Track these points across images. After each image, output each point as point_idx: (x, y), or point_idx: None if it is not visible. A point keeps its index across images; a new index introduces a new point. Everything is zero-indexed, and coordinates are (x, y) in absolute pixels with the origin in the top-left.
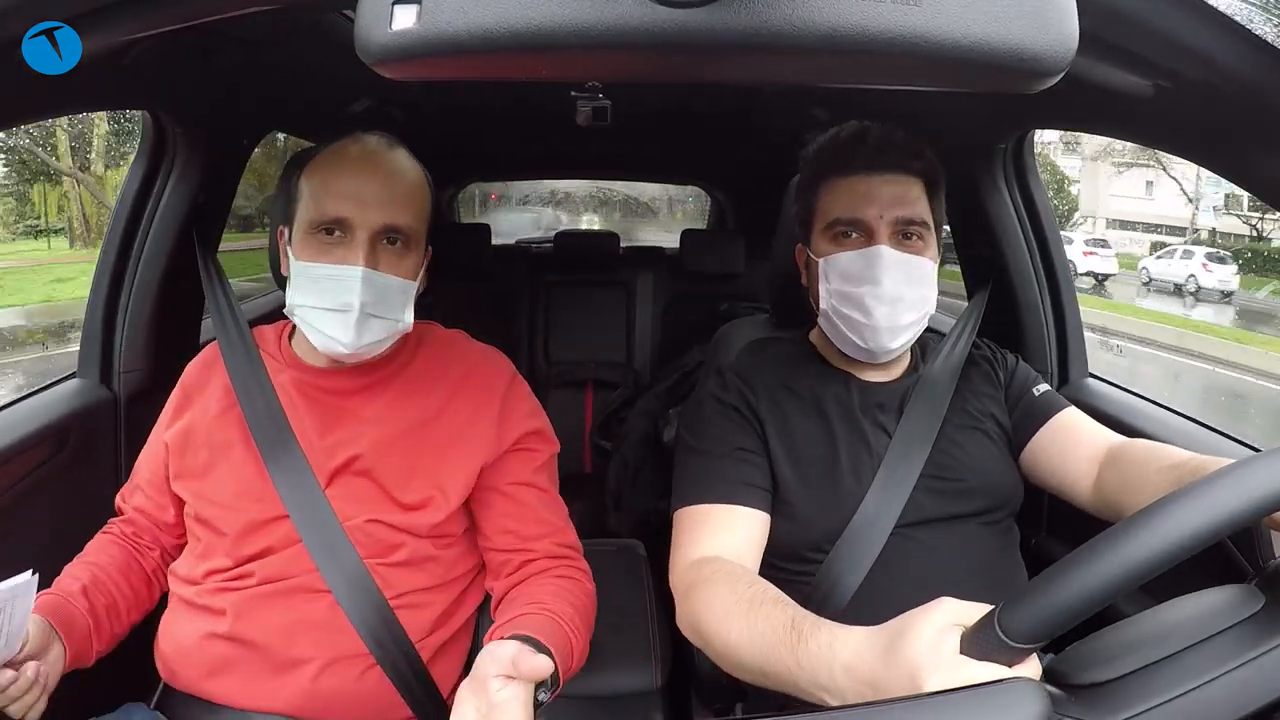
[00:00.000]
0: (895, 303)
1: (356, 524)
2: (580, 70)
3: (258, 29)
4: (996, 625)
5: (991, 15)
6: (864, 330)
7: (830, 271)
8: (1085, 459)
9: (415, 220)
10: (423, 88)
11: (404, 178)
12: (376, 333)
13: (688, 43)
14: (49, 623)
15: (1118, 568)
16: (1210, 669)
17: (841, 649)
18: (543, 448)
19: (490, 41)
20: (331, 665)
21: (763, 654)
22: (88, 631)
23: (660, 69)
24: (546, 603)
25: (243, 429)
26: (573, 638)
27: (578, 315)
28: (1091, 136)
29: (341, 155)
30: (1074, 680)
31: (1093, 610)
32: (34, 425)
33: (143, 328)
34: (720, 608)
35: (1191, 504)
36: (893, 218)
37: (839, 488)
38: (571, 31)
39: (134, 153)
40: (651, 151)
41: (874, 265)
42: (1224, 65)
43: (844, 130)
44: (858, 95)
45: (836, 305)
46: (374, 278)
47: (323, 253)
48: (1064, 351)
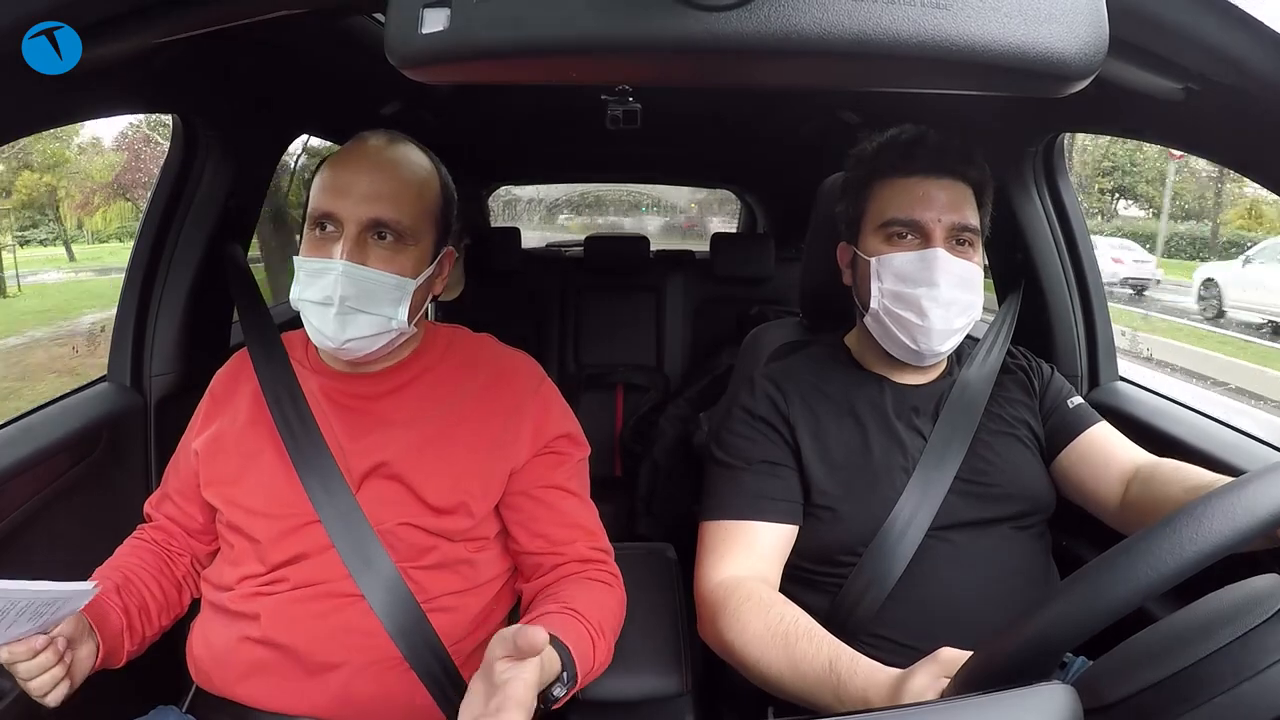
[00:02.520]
0: (949, 306)
1: (388, 528)
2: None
3: (287, 32)
4: (974, 671)
5: (1021, 18)
6: (917, 332)
7: (884, 271)
8: (1115, 478)
9: (409, 216)
10: (453, 90)
11: (398, 172)
12: (362, 329)
13: (717, 47)
14: (85, 618)
15: (1075, 612)
16: (1244, 670)
17: (872, 691)
18: (573, 451)
19: (520, 46)
20: (365, 669)
21: (806, 690)
22: (120, 630)
23: (690, 73)
24: (569, 601)
25: (273, 435)
26: (595, 637)
27: (608, 319)
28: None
29: (343, 152)
30: (1098, 702)
31: (1070, 645)
32: (66, 429)
33: (173, 331)
34: (755, 641)
35: (1153, 543)
36: (950, 222)
37: (873, 491)
38: (601, 36)
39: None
40: (681, 154)
41: (931, 268)
42: (1255, 69)
43: (903, 132)
44: (887, 99)
45: (889, 306)
46: (355, 272)
47: (315, 247)
48: (1094, 355)
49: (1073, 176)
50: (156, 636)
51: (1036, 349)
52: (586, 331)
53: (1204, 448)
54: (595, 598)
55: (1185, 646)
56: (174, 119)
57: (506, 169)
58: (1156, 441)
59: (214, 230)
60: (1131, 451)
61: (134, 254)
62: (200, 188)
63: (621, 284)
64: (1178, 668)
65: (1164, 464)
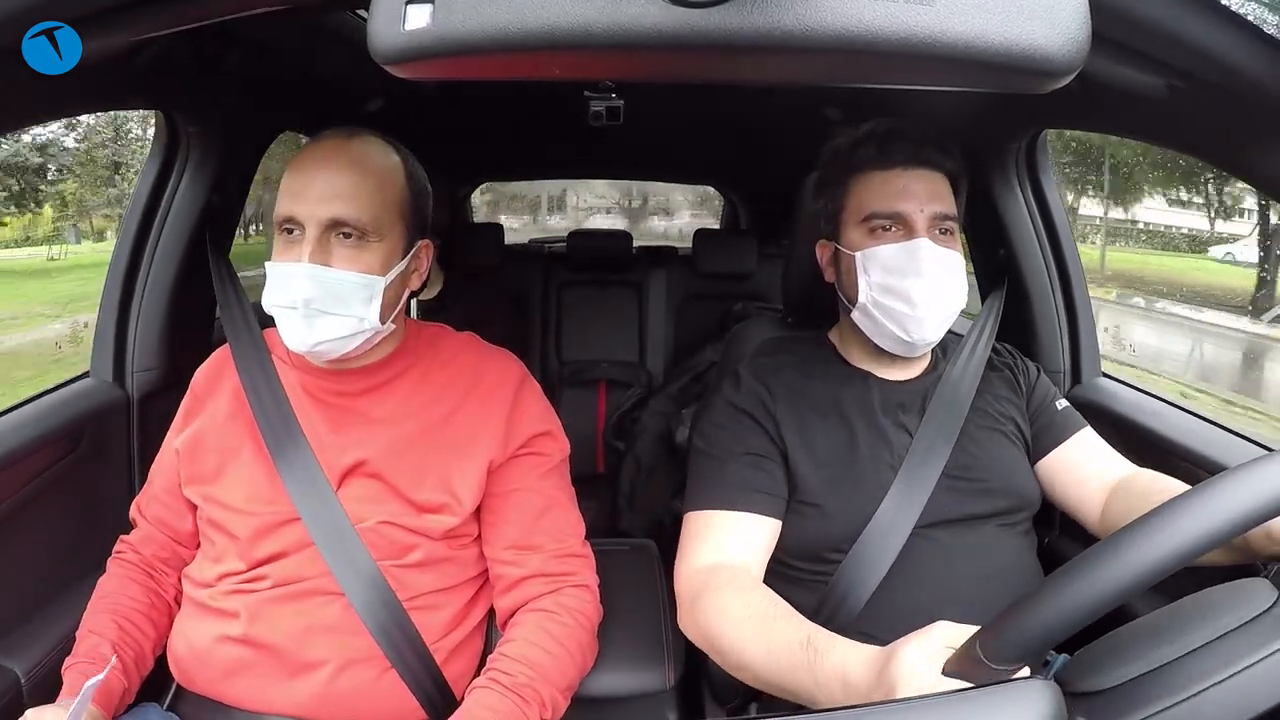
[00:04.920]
0: (938, 293)
1: (369, 526)
2: (593, 70)
3: (270, 29)
4: (977, 647)
5: (1004, 15)
6: (908, 321)
7: (870, 264)
8: (1097, 486)
9: (370, 212)
10: (436, 87)
11: (355, 170)
12: (333, 330)
13: (700, 43)
14: (97, 710)
15: (1096, 587)
16: (1222, 668)
17: (850, 667)
18: (552, 451)
19: (503, 42)
20: (346, 668)
21: (782, 671)
22: (122, 691)
23: (673, 69)
24: (522, 667)
25: (253, 432)
26: (542, 693)
27: (590, 315)
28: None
29: (301, 154)
30: (1079, 688)
31: (1072, 630)
32: (48, 425)
33: (156, 327)
34: (732, 622)
35: (1158, 527)
36: (931, 212)
37: (859, 488)
38: (584, 31)
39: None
40: (664, 151)
41: (918, 258)
42: (1238, 65)
43: (879, 126)
44: (870, 95)
45: (878, 298)
46: (319, 273)
47: (282, 251)
48: (1077, 351)
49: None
50: (151, 669)
51: (1020, 345)
52: (569, 328)
53: (1186, 443)
54: (549, 644)
55: (1168, 643)
56: (157, 116)
57: (490, 166)
58: (1139, 438)
59: (196, 227)
60: (1114, 461)
61: (117, 249)
62: (183, 184)
63: (604, 280)
64: (1163, 661)
65: (1141, 474)
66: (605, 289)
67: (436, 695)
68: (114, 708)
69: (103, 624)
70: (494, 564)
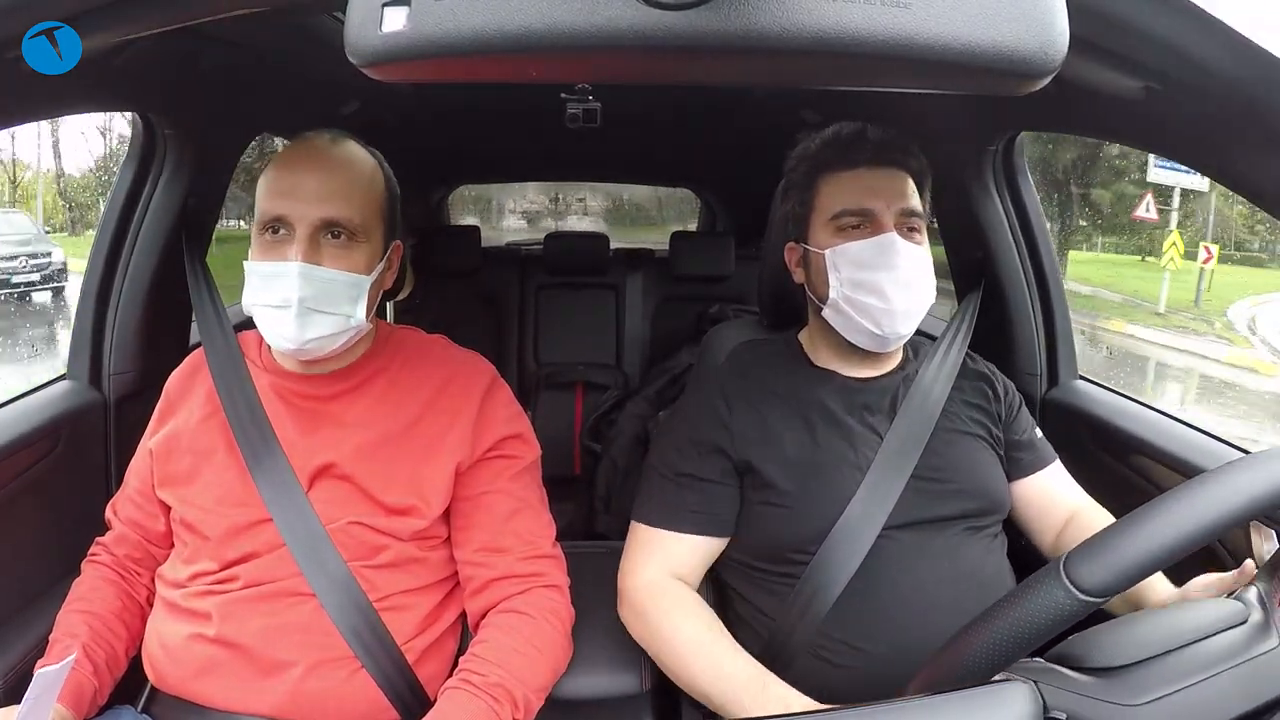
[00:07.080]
0: (909, 286)
1: (339, 526)
2: (570, 72)
3: (247, 31)
4: (1064, 574)
5: (981, 17)
6: (880, 315)
7: (840, 261)
8: (1058, 517)
9: (360, 213)
10: (413, 90)
11: (345, 171)
12: (323, 328)
13: (677, 45)
14: (67, 711)
15: (1187, 522)
16: (1225, 659)
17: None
18: (522, 453)
19: (480, 44)
20: (317, 668)
21: (730, 692)
22: (93, 693)
23: (649, 71)
24: (494, 667)
25: (226, 434)
26: (514, 693)
27: (567, 317)
28: None
29: (285, 154)
30: (1091, 663)
31: (1159, 566)
32: (25, 427)
33: (132, 330)
34: (684, 645)
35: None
36: (898, 209)
37: (826, 488)
38: (561, 34)
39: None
40: (641, 153)
41: (888, 252)
42: (1215, 67)
43: (844, 128)
44: (847, 98)
45: (850, 294)
46: (312, 273)
47: (266, 250)
48: (1053, 353)
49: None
50: (124, 672)
51: (996, 347)
52: (545, 330)
53: (1161, 445)
54: (520, 644)
55: (1169, 635)
56: (134, 118)
57: (467, 168)
58: (1114, 439)
59: (173, 229)
60: (1074, 494)
61: (93, 252)
62: (159, 187)
63: (581, 282)
64: (1163, 650)
65: (1091, 509)
66: (582, 291)
67: (409, 695)
68: (85, 709)
69: (75, 625)
70: (464, 566)
